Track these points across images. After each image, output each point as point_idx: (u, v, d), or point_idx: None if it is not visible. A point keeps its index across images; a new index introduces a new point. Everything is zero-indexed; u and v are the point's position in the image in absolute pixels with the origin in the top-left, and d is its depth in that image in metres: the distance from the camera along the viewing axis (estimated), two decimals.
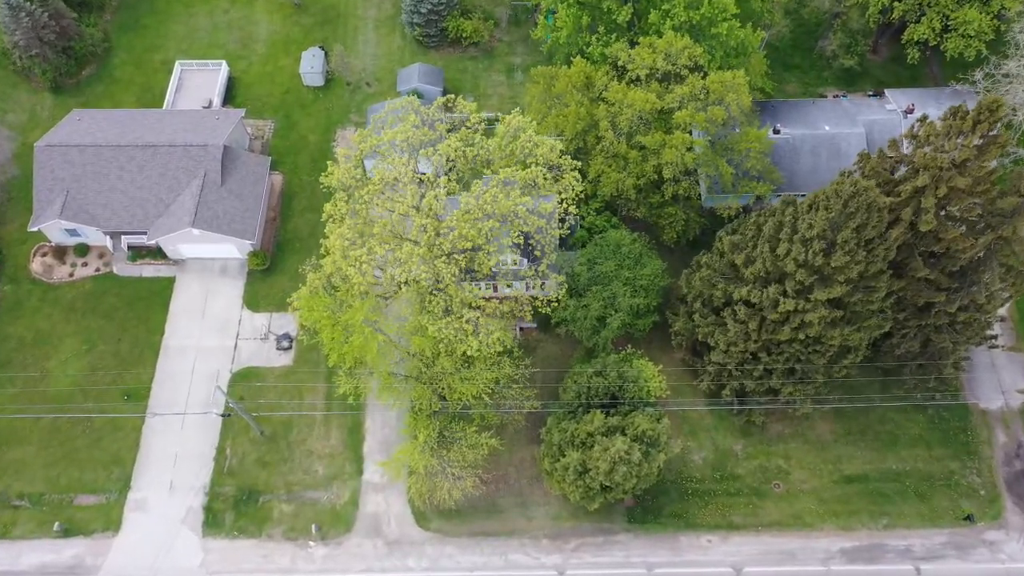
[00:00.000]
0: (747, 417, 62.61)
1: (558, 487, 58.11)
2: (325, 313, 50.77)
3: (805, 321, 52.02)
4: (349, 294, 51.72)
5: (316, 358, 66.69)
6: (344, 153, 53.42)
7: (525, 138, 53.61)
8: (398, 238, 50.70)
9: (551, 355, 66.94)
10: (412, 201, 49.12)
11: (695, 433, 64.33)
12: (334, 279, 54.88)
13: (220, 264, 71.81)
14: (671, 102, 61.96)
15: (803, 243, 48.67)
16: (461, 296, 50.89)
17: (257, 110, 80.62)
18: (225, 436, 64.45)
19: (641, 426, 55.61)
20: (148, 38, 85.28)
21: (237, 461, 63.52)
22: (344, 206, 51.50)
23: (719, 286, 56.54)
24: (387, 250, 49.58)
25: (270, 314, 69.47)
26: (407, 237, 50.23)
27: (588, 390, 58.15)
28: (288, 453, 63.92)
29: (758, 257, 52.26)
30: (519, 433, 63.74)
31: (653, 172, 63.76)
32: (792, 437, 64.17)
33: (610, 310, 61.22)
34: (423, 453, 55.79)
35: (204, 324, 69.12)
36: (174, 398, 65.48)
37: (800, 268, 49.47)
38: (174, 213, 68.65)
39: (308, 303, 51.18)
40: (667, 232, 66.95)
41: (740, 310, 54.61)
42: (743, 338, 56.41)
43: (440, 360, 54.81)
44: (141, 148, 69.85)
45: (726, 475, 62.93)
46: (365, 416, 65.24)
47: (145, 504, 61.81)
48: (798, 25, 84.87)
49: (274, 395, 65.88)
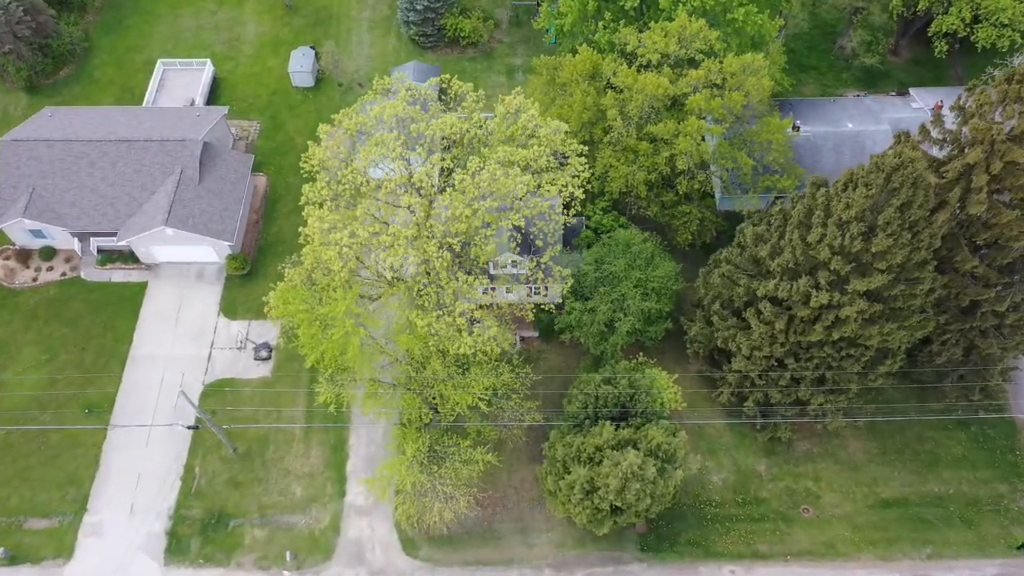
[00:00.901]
0: (772, 433, 56.49)
1: (562, 509, 51.80)
2: (302, 306, 45.19)
3: (840, 317, 46.33)
4: (330, 286, 46.27)
5: (297, 369, 60.86)
6: (326, 130, 48.49)
7: (527, 117, 48.62)
8: (384, 224, 45.41)
9: (554, 367, 61.04)
10: (401, 179, 43.89)
11: (714, 452, 58.13)
12: (315, 274, 49.43)
13: (196, 269, 66.43)
14: (685, 88, 57.16)
15: (839, 226, 43.24)
16: (454, 287, 45.38)
17: (243, 111, 76.11)
18: (194, 453, 58.31)
19: (656, 439, 49.56)
20: (131, 39, 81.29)
21: (206, 481, 57.29)
22: (325, 189, 46.32)
23: (741, 283, 50.99)
24: (372, 234, 44.27)
25: (248, 322, 63.82)
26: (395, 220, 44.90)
27: (596, 400, 52.23)
28: (263, 472, 57.71)
29: (786, 246, 46.80)
30: (519, 450, 57.64)
31: (665, 165, 58.69)
32: (821, 456, 57.95)
33: (619, 314, 55.62)
34: (411, 468, 49.67)
35: (177, 332, 63.44)
36: (140, 412, 59.49)
37: (835, 256, 43.96)
38: (147, 212, 63.51)
39: (283, 296, 45.62)
40: (681, 233, 61.60)
41: (765, 308, 48.98)
42: (768, 341, 50.68)
43: (431, 363, 49.06)
44: (114, 143, 65.03)
45: (749, 498, 56.57)
46: (349, 432, 59.17)
47: (101, 528, 55.44)
48: (814, 26, 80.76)
49: (250, 409, 59.95)
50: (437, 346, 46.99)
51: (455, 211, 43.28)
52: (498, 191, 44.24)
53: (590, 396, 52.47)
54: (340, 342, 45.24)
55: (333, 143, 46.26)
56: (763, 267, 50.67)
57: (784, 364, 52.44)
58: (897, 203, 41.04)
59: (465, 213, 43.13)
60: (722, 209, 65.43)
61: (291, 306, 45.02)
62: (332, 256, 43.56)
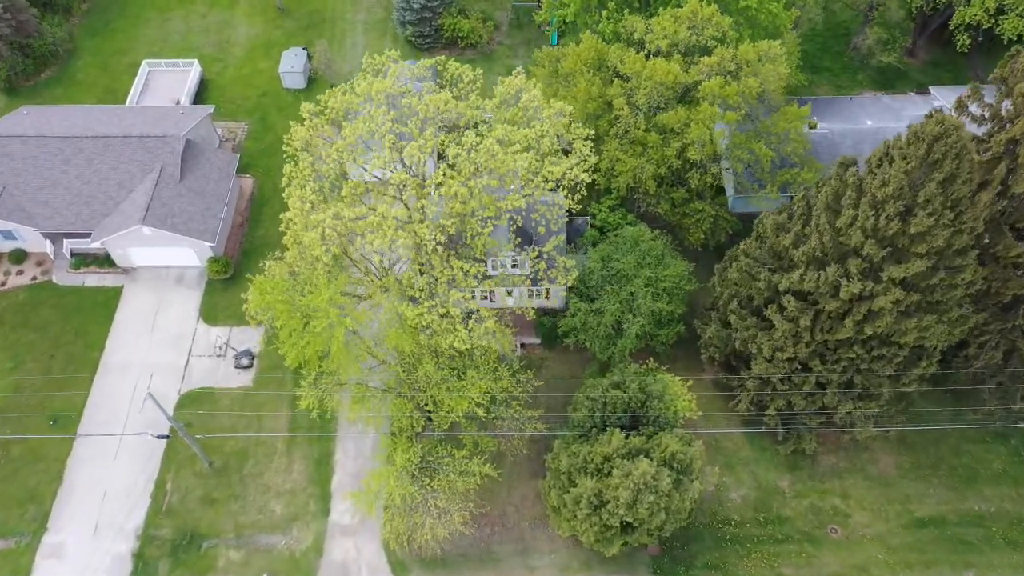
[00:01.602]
0: (795, 444, 51.84)
1: (568, 527, 47.01)
2: (280, 297, 40.98)
3: (873, 310, 42.06)
4: (312, 279, 42.14)
5: (281, 378, 56.50)
6: (309, 109, 44.82)
7: (529, 98, 44.93)
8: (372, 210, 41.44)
9: (557, 376, 56.59)
10: (390, 156, 40.00)
11: (732, 467, 53.41)
12: (297, 265, 45.27)
13: (176, 273, 62.32)
14: (697, 75, 53.61)
15: (872, 206, 39.19)
16: (448, 273, 41.23)
17: (231, 112, 72.73)
18: (166, 468, 53.62)
19: (670, 448, 45.00)
20: (117, 41, 78.30)
21: (178, 498, 52.52)
22: (308, 168, 42.44)
23: (761, 277, 46.81)
24: (358, 216, 40.28)
25: (230, 328, 59.54)
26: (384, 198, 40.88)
27: (604, 406, 47.78)
28: (240, 489, 52.95)
29: (812, 232, 42.72)
30: (519, 464, 53.01)
31: (676, 158, 54.94)
32: (849, 471, 53.22)
33: (628, 315, 51.41)
34: (401, 480, 45.00)
35: (153, 339, 59.13)
36: (109, 423, 54.93)
37: (868, 240, 39.85)
38: (124, 211, 59.60)
39: (260, 287, 41.46)
40: (693, 232, 57.59)
41: (789, 303, 44.72)
42: (792, 340, 46.35)
43: (423, 364, 44.69)
44: (91, 139, 61.44)
45: (771, 517, 51.74)
46: (335, 445, 54.55)
47: (62, 550, 50.57)
48: (827, 28, 77.74)
49: (228, 420, 55.40)
50: (429, 343, 42.69)
51: (449, 189, 39.34)
52: (496, 169, 40.36)
53: (597, 402, 48.06)
54: (323, 336, 40.96)
55: (318, 122, 42.52)
56: (785, 259, 46.54)
57: (808, 367, 48.06)
58: (939, 177, 37.08)
59: (460, 192, 39.17)
60: (735, 211, 61.52)
61: (269, 297, 40.84)
62: (314, 239, 39.50)
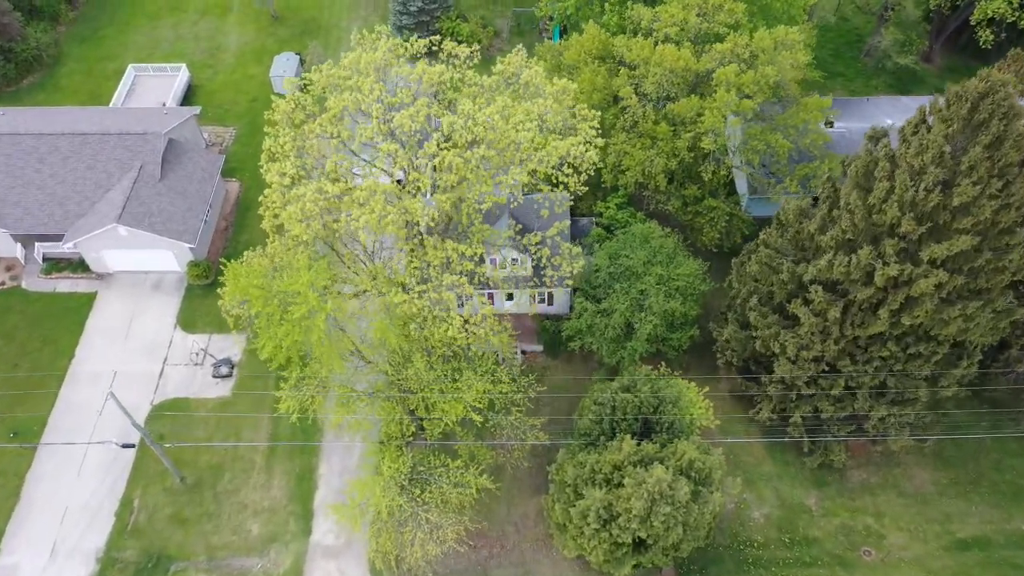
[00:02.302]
0: (822, 457, 47.29)
1: (573, 545, 42.30)
2: (256, 281, 37.04)
3: (912, 296, 37.99)
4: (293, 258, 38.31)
5: (262, 386, 52.23)
6: (293, 83, 41.46)
7: (530, 74, 41.55)
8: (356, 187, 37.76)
9: (561, 386, 52.27)
10: (378, 126, 36.45)
11: (753, 483, 48.77)
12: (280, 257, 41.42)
13: (154, 279, 58.46)
14: (709, 63, 50.41)
15: (911, 175, 35.42)
16: (442, 255, 37.33)
17: (219, 117, 69.69)
18: (134, 484, 49.06)
19: (687, 455, 40.55)
20: (104, 48, 75.74)
21: (145, 516, 47.86)
22: (289, 143, 38.94)
23: (783, 268, 42.85)
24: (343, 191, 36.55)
25: (209, 335, 55.47)
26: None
27: (613, 410, 43.41)
28: (214, 507, 48.31)
29: (841, 213, 38.88)
30: (520, 480, 48.46)
31: (688, 150, 51.48)
32: (881, 487, 48.55)
33: (639, 314, 47.38)
34: (388, 490, 40.47)
35: (126, 347, 55.01)
36: (74, 435, 50.44)
37: (905, 215, 35.97)
38: (99, 211, 56.00)
39: (234, 271, 37.57)
40: (706, 232, 53.85)
41: (817, 293, 40.65)
42: (820, 337, 42.20)
43: (413, 362, 40.52)
44: (68, 137, 58.12)
45: (798, 538, 46.94)
46: (319, 459, 50.02)
47: (15, 573, 45.79)
48: (839, 35, 75.13)
49: (204, 432, 51.01)
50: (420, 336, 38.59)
51: (444, 160, 35.69)
52: (496, 142, 36.76)
53: (605, 407, 43.70)
54: (303, 324, 36.92)
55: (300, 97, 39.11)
56: (810, 249, 42.65)
57: (837, 368, 43.82)
58: (985, 140, 33.40)
59: (456, 163, 35.51)
60: (749, 213, 57.79)
61: (243, 280, 36.92)
62: (294, 214, 35.71)
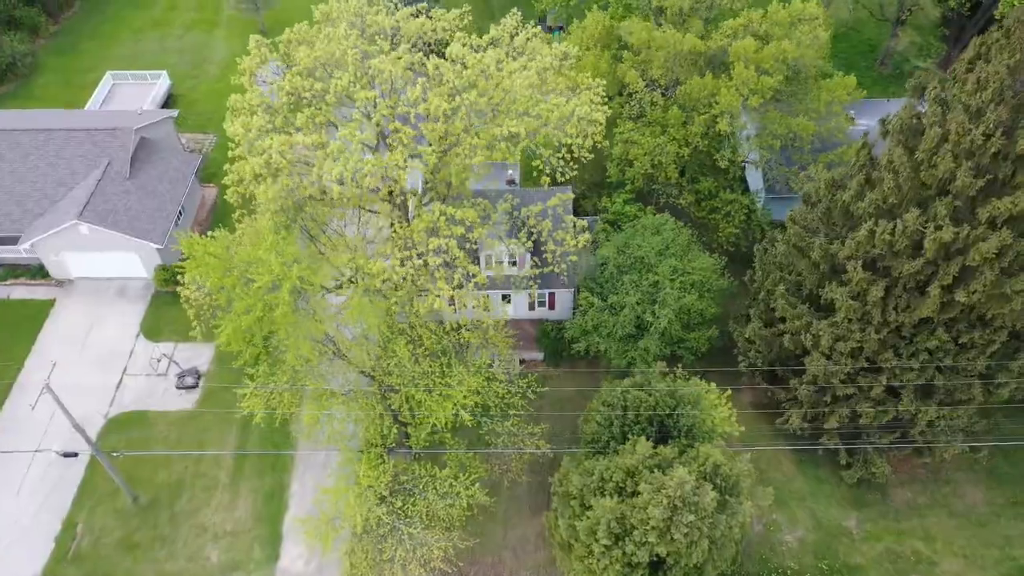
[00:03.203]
0: (862, 470, 41.54)
1: (581, 568, 36.27)
2: (212, 248, 32.18)
3: (967, 267, 33.03)
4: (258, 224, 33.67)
5: (232, 399, 46.66)
6: (259, 40, 37.24)
7: (527, 35, 37.53)
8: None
9: (563, 397, 46.84)
10: (355, 76, 32.09)
11: (784, 502, 42.92)
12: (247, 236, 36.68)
13: (118, 285, 53.60)
14: (720, 40, 46.59)
15: (968, 116, 30.82)
16: (428, 218, 32.50)
17: (199, 124, 65.99)
18: (80, 504, 43.23)
19: (712, 459, 34.97)
20: (83, 60, 72.57)
21: (90, 541, 41.89)
22: (257, 98, 34.60)
23: (814, 248, 37.98)
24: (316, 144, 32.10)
25: (175, 344, 50.29)
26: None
27: (624, 411, 37.99)
28: (170, 530, 42.36)
29: (883, 174, 34.21)
30: (518, 499, 42.66)
31: (701, 137, 47.26)
32: (929, 507, 42.67)
33: (652, 308, 42.39)
34: (364, 500, 34.76)
35: (83, 356, 49.82)
36: (17, 448, 44.89)
37: (962, 164, 31.24)
38: (61, 208, 51.57)
39: (189, 243, 32.75)
40: (723, 228, 49.22)
41: (855, 270, 35.68)
42: (859, 324, 37.06)
43: (395, 347, 35.36)
44: (30, 133, 54.11)
45: (837, 565, 40.88)
46: (291, 477, 44.32)
47: None
48: (852, 45, 71.99)
49: (164, 447, 45.38)
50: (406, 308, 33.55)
51: (431, 106, 31.25)
52: (487, 90, 32.43)
53: (615, 408, 38.28)
54: (266, 299, 31.90)
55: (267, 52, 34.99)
56: (843, 225, 37.89)
57: (877, 365, 38.55)
58: None
59: (443, 108, 31.06)
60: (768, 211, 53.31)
61: (198, 247, 32.06)
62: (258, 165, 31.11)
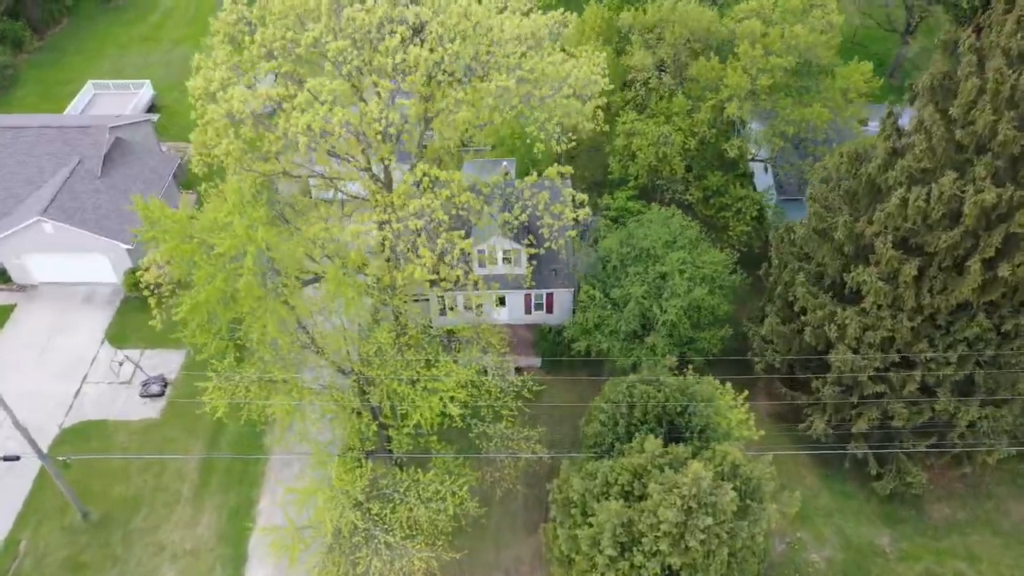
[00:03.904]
0: (896, 481, 37.28)
1: None
2: (169, 214, 28.69)
3: (1012, 235, 29.54)
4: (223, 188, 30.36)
5: (196, 409, 42.66)
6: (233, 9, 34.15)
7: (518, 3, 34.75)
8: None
9: (562, 404, 42.74)
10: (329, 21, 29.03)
11: (808, 518, 38.53)
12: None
13: (85, 291, 50.04)
14: (730, 23, 44.06)
15: (1008, 61, 27.72)
16: (410, 178, 29.13)
17: (182, 134, 62.90)
18: (24, 521, 38.87)
19: (731, 457, 30.95)
20: (66, 72, 70.42)
21: (33, 561, 37.43)
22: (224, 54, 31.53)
23: (836, 230, 34.55)
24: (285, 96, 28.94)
25: (142, 351, 46.47)
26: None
27: (630, 408, 34.06)
28: (123, 549, 37.92)
29: (914, 136, 31.00)
30: (513, 515, 38.32)
31: (708, 126, 44.30)
32: (970, 524, 38.29)
33: (660, 301, 38.76)
34: (337, 504, 30.58)
35: (41, 362, 46.00)
36: None
37: (1004, 116, 28.01)
38: (25, 207, 48.41)
39: (144, 207, 29.32)
40: (733, 225, 45.90)
41: (885, 248, 32.17)
42: (890, 311, 33.40)
43: (378, 337, 31.65)
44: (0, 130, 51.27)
45: None
46: (261, 491, 40.04)
47: None
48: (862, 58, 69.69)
49: (121, 460, 41.18)
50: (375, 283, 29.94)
51: (409, 57, 28.15)
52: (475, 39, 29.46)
53: (620, 405, 34.33)
54: (228, 268, 28.31)
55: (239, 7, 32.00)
56: (870, 201, 34.52)
57: (910, 360, 34.76)
58: None
59: (423, 56, 27.98)
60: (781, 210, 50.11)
61: (154, 212, 28.62)
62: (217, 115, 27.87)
